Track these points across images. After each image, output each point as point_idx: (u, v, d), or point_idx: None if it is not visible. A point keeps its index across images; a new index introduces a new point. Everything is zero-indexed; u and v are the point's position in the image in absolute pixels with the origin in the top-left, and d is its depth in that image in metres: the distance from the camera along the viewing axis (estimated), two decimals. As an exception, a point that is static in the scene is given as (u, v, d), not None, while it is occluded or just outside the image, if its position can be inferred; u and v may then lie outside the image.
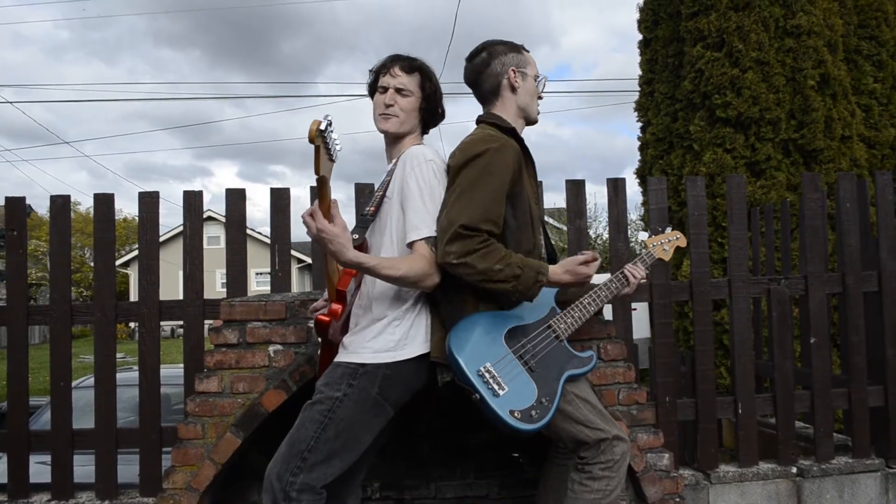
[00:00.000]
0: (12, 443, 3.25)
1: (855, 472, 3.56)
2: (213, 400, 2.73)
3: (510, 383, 2.12)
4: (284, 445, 2.10)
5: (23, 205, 3.35)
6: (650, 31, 6.79)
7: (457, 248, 2.06)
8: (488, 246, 2.08)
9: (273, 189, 3.38)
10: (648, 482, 2.84)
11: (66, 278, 3.33)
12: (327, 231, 1.92)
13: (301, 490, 2.03)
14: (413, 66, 2.33)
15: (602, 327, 2.87)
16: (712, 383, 3.50)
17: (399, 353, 2.14)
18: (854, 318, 3.67)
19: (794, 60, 5.86)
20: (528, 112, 2.41)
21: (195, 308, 3.30)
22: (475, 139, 2.25)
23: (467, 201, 2.11)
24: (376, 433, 2.19)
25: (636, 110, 7.08)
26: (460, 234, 2.06)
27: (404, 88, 2.31)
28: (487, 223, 2.10)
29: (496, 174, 2.15)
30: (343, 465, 2.12)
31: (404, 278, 2.06)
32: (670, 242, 2.74)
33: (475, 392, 2.08)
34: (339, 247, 1.94)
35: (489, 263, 2.06)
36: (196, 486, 2.67)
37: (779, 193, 5.70)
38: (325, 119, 1.76)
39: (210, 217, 27.02)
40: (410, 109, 2.31)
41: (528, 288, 2.11)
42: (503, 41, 2.42)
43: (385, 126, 2.32)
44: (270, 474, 2.07)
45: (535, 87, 2.41)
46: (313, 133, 1.75)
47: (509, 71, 2.36)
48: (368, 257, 2.05)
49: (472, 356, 2.11)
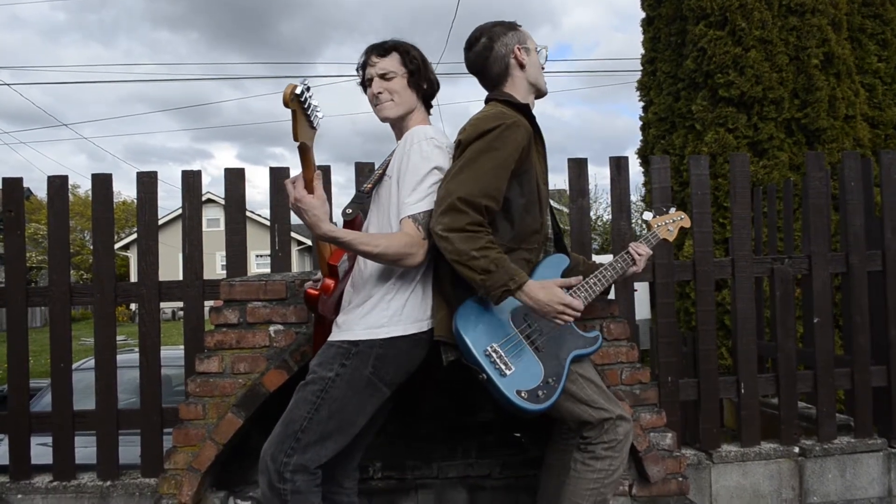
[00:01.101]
0: (14, 424, 3.25)
1: (857, 451, 3.56)
2: (214, 380, 2.72)
3: (517, 363, 2.11)
4: (279, 426, 2.09)
5: (20, 185, 3.33)
6: (653, 10, 6.73)
7: (447, 220, 2.03)
8: (476, 231, 2.04)
9: (272, 168, 3.36)
10: (651, 461, 2.83)
11: (65, 259, 3.31)
12: (304, 201, 1.91)
13: (295, 471, 2.03)
14: (386, 47, 2.30)
15: (605, 306, 2.85)
16: (714, 363, 3.49)
17: (392, 329, 2.11)
18: (858, 297, 3.65)
19: (797, 39, 5.80)
20: (538, 85, 2.39)
21: (195, 289, 3.28)
22: (487, 115, 2.21)
23: (469, 175, 2.08)
24: (370, 414, 2.17)
25: (638, 90, 7.04)
26: (455, 207, 2.03)
27: (387, 72, 2.28)
28: (486, 198, 2.07)
29: (502, 149, 2.12)
30: (337, 446, 2.11)
31: (383, 255, 2.03)
32: (674, 223, 2.72)
33: (482, 372, 2.06)
34: (314, 219, 1.93)
35: (468, 246, 2.02)
36: (197, 467, 2.66)
37: (781, 173, 5.66)
38: (301, 83, 1.74)
39: (209, 199, 26.97)
40: (400, 89, 2.28)
41: (494, 287, 2.03)
42: (498, 22, 2.38)
43: (383, 114, 2.30)
44: (265, 455, 2.06)
45: (539, 59, 2.39)
46: (287, 97, 1.73)
47: (514, 49, 2.33)
48: (345, 232, 2.02)
49: (479, 335, 2.09)
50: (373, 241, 2.02)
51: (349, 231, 2.06)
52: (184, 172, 3.33)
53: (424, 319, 2.17)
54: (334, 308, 2.28)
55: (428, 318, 2.18)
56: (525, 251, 2.25)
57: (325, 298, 2.21)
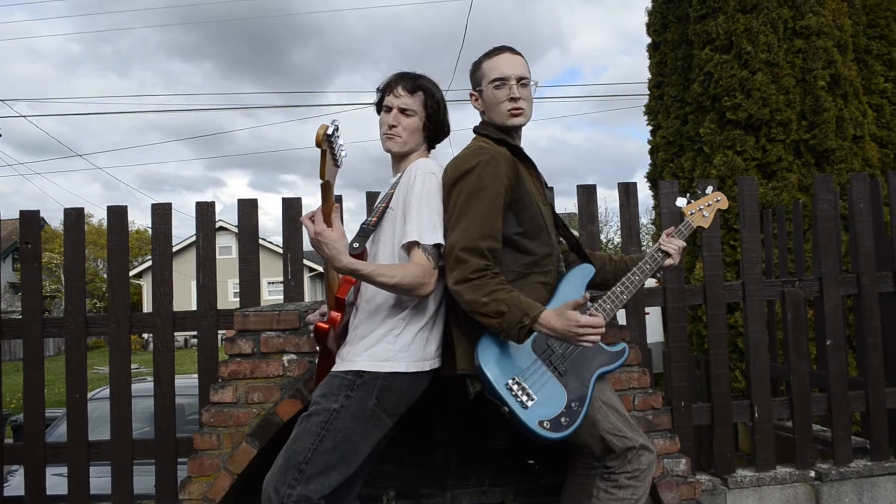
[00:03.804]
0: (29, 455, 3.26)
1: (874, 475, 3.52)
2: (229, 410, 2.74)
3: (539, 392, 2.11)
4: (281, 457, 2.11)
5: (37, 218, 3.38)
6: (659, 35, 6.78)
7: (456, 274, 2.09)
8: (482, 277, 2.07)
9: (285, 199, 3.40)
10: (665, 488, 2.82)
11: (81, 290, 3.35)
12: (324, 235, 1.94)
13: (298, 502, 2.04)
14: (416, 85, 2.34)
15: (617, 332, 2.85)
16: (727, 387, 3.48)
17: (396, 365, 2.14)
18: (870, 319, 3.64)
19: (803, 61, 5.83)
20: (496, 122, 2.34)
21: (209, 319, 3.31)
22: (466, 155, 2.27)
23: (464, 223, 2.12)
24: (373, 444, 2.19)
25: (646, 114, 7.06)
26: (458, 259, 2.09)
27: (407, 109, 2.33)
28: (485, 240, 2.11)
29: (489, 187, 2.16)
30: (341, 477, 2.12)
31: (399, 286, 2.06)
32: (710, 207, 2.59)
33: (505, 405, 2.08)
34: (334, 252, 1.96)
35: (476, 295, 2.05)
36: (212, 497, 2.67)
37: (790, 195, 5.66)
38: (332, 124, 1.79)
39: (221, 227, 27.14)
40: (413, 129, 2.34)
41: (511, 327, 2.04)
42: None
43: (388, 146, 2.36)
44: (268, 487, 2.07)
45: (493, 95, 2.32)
46: (320, 137, 1.78)
47: (470, 95, 2.40)
48: (364, 264, 2.05)
49: (500, 369, 2.10)
50: (389, 273, 2.05)
51: (368, 263, 2.10)
52: (198, 204, 3.38)
53: (429, 359, 2.20)
54: (338, 340, 2.30)
55: (433, 358, 2.22)
56: (540, 274, 2.27)
57: (332, 331, 2.23)
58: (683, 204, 2.60)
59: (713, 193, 2.63)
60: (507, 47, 2.39)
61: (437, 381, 2.27)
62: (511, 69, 2.31)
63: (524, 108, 2.32)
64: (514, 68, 2.31)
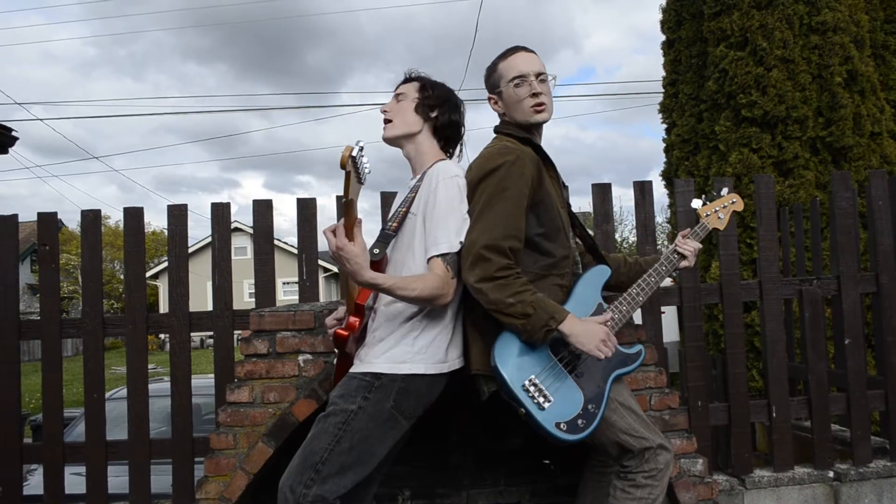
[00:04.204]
0: (48, 455, 3.29)
1: (894, 475, 3.48)
2: (245, 410, 2.75)
3: (556, 393, 2.11)
4: (298, 457, 2.11)
5: (55, 220, 3.41)
6: (673, 32, 6.74)
7: (478, 272, 2.07)
8: (507, 276, 2.07)
9: (299, 199, 3.41)
10: (682, 488, 2.80)
11: (98, 292, 3.37)
12: (346, 250, 1.94)
13: (314, 501, 2.04)
14: (412, 76, 2.40)
15: (632, 332, 2.84)
16: (744, 387, 3.45)
17: (414, 366, 2.14)
18: (889, 317, 3.60)
19: (819, 58, 5.78)
20: (518, 121, 2.34)
21: (225, 319, 3.33)
22: (491, 153, 2.25)
23: (487, 221, 2.11)
24: (390, 446, 2.19)
25: (661, 112, 7.03)
26: (481, 257, 2.07)
27: (401, 93, 2.37)
28: (508, 240, 2.10)
29: (513, 187, 2.15)
30: (356, 478, 2.13)
31: (419, 298, 2.08)
32: (725, 208, 2.60)
33: (521, 406, 2.07)
34: (356, 266, 1.96)
35: (501, 295, 2.05)
36: (228, 496, 2.69)
37: (807, 192, 5.61)
38: (356, 145, 1.79)
39: (237, 228, 27.29)
40: (404, 111, 2.34)
41: (536, 330, 2.06)
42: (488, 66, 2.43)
43: (383, 135, 2.38)
44: (284, 486, 2.08)
45: (514, 93, 2.31)
46: (345, 160, 1.78)
47: (488, 99, 2.41)
48: (385, 277, 2.06)
49: (516, 370, 2.10)
50: (409, 286, 2.06)
51: (388, 277, 2.09)
52: (213, 205, 3.39)
53: (446, 361, 2.20)
54: (357, 342, 2.31)
55: (450, 361, 2.21)
56: (556, 276, 2.27)
57: (351, 335, 2.24)
58: (699, 205, 2.60)
59: (729, 195, 2.63)
60: (520, 47, 2.39)
61: (455, 380, 2.27)
62: (528, 66, 2.31)
63: (546, 102, 2.32)
64: (531, 65, 2.32)
